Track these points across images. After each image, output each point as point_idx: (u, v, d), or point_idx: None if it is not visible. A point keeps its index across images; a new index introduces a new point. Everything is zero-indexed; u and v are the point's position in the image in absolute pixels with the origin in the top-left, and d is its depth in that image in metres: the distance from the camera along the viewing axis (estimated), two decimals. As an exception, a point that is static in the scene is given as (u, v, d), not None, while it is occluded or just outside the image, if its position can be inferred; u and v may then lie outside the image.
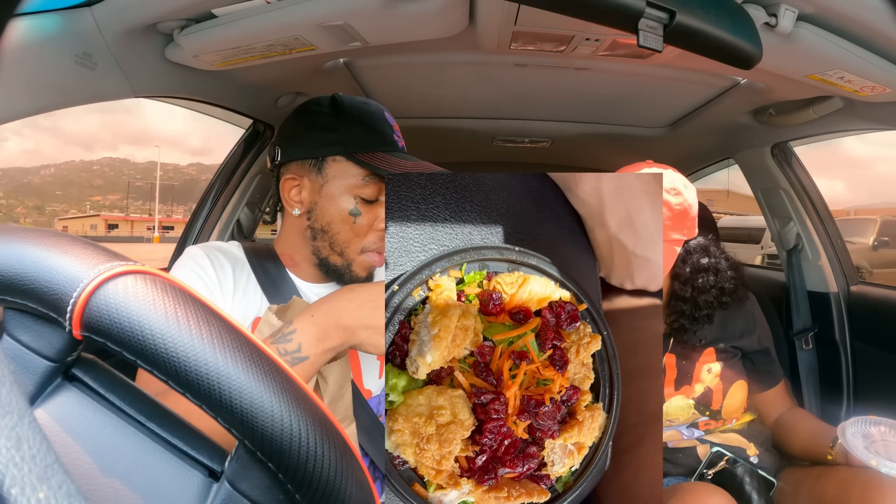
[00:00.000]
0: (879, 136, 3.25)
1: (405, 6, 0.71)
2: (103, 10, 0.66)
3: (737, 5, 0.65)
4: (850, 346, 1.30)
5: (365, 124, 0.74)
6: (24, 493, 0.17)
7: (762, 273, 1.66)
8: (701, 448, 0.99)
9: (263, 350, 0.27)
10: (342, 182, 0.73)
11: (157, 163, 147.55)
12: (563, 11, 0.58)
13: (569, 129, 1.48)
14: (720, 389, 1.00)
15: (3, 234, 0.27)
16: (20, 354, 0.27)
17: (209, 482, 0.28)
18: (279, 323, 0.62)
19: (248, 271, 0.75)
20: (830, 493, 0.84)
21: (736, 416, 1.03)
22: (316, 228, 0.75)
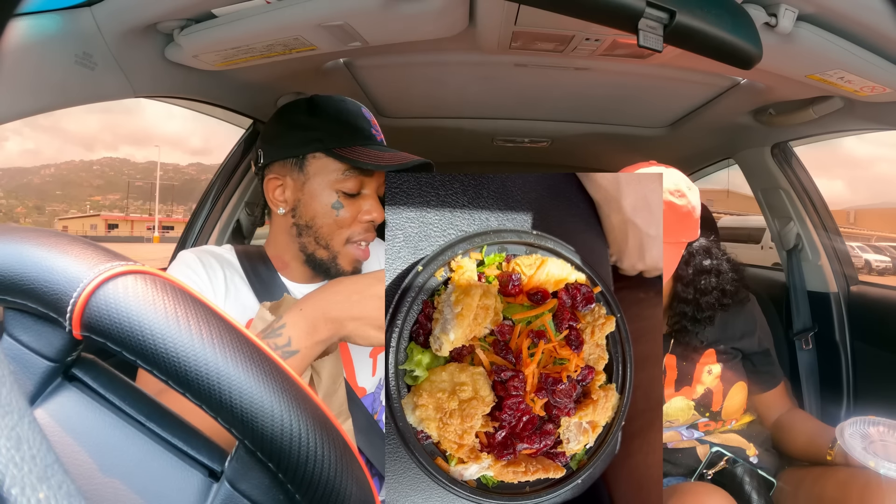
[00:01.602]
0: (879, 136, 3.26)
1: (405, 6, 0.71)
2: (103, 10, 0.66)
3: (737, 5, 0.65)
4: (850, 346, 1.30)
5: (342, 120, 0.77)
6: (24, 493, 0.17)
7: (762, 273, 1.66)
8: (700, 448, 0.99)
9: (263, 350, 0.27)
10: (323, 178, 0.75)
11: (157, 163, 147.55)
12: (563, 11, 0.58)
13: (569, 129, 1.48)
14: (720, 391, 1.00)
15: (3, 234, 0.27)
16: (20, 354, 0.27)
17: (209, 482, 0.28)
18: (272, 318, 0.63)
19: (239, 274, 0.76)
20: (830, 493, 0.84)
21: (735, 418, 1.03)
22: (301, 225, 0.76)
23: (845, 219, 42.83)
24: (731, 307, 1.00)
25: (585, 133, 1.48)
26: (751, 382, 1.04)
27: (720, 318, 1.00)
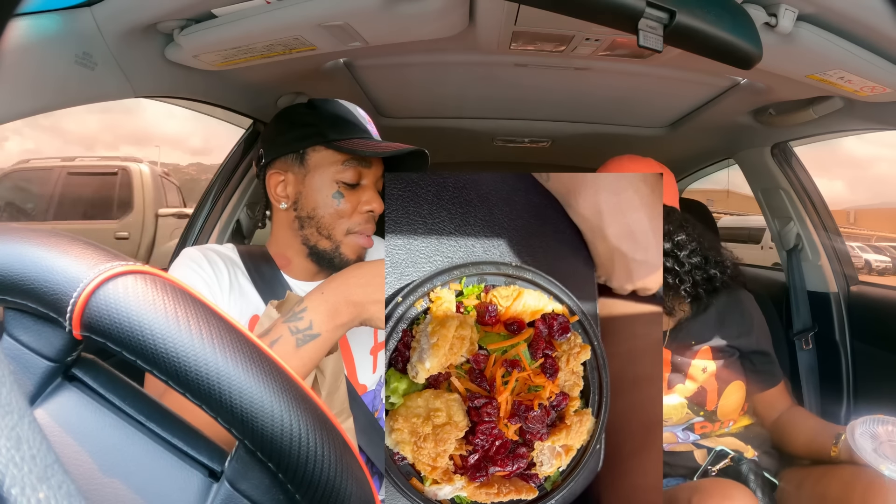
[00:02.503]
0: (879, 136, 3.25)
1: (405, 6, 0.71)
2: (103, 10, 0.65)
3: (737, 5, 0.65)
4: (850, 346, 1.30)
5: (340, 116, 0.80)
6: (24, 493, 0.17)
7: (762, 273, 1.66)
8: (698, 453, 0.99)
9: (264, 350, 0.27)
10: (323, 169, 0.77)
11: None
12: (563, 11, 0.58)
13: (569, 129, 1.48)
14: (715, 389, 0.99)
15: (3, 234, 0.27)
16: (20, 354, 0.27)
17: (209, 482, 0.28)
18: (278, 315, 0.63)
19: (243, 272, 0.77)
20: (833, 492, 0.84)
21: (733, 419, 1.02)
22: (303, 217, 0.78)
23: (845, 219, 42.77)
24: (724, 300, 0.98)
25: (585, 133, 1.48)
26: (750, 382, 1.03)
27: (715, 314, 0.99)
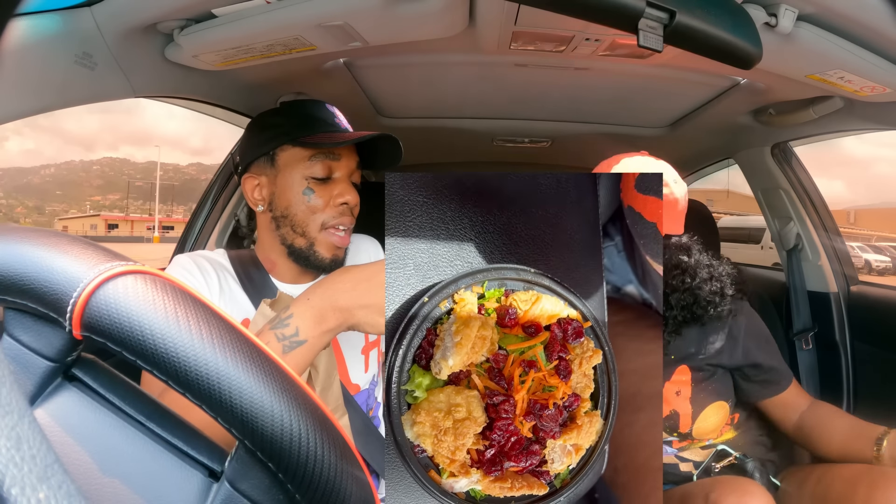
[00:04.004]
0: (879, 136, 3.26)
1: (405, 6, 0.71)
2: (103, 10, 0.66)
3: (737, 5, 0.65)
4: (850, 346, 1.30)
5: (306, 114, 0.81)
6: (24, 493, 0.17)
7: (762, 273, 1.66)
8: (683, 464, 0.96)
9: (263, 350, 0.27)
10: (292, 167, 0.78)
11: (157, 163, 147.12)
12: (563, 11, 0.58)
13: (569, 129, 1.48)
14: (688, 413, 0.94)
15: (3, 234, 0.27)
16: (20, 354, 0.27)
17: (209, 482, 0.28)
18: (273, 314, 0.64)
19: (233, 277, 0.78)
20: (836, 491, 0.83)
21: (712, 437, 0.97)
22: (278, 216, 0.79)
23: (845, 219, 42.77)
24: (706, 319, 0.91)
25: (585, 133, 1.48)
26: (749, 393, 0.99)
27: (696, 331, 0.93)
